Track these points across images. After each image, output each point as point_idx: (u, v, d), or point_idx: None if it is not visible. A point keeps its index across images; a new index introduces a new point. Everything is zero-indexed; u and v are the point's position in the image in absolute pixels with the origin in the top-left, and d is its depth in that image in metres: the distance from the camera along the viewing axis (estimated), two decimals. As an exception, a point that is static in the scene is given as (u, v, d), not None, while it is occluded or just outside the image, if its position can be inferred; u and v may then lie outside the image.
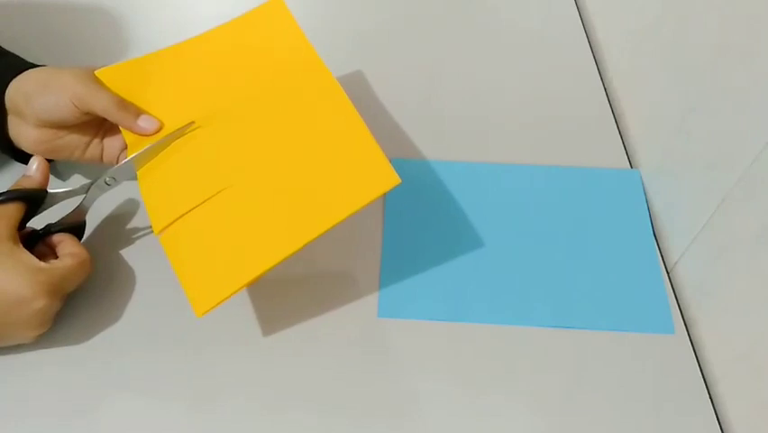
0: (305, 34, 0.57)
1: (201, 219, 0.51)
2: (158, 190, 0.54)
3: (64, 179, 0.64)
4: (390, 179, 0.49)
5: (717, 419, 0.52)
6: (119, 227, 0.61)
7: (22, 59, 0.60)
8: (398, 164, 0.66)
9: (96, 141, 0.59)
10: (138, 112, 0.56)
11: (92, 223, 0.59)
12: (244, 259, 0.49)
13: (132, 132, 0.56)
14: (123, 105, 0.55)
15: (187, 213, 0.51)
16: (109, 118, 0.55)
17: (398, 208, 0.63)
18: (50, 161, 0.57)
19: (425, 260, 0.59)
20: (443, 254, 0.60)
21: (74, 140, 0.58)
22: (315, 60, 0.56)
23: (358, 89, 0.72)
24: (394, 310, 0.57)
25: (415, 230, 0.61)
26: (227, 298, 0.48)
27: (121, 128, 0.57)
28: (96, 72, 0.57)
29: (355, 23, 0.80)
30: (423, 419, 0.52)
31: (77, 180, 0.63)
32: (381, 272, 0.59)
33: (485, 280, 0.58)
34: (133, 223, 0.61)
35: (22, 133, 0.56)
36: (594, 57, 0.77)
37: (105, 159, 0.59)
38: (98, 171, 0.56)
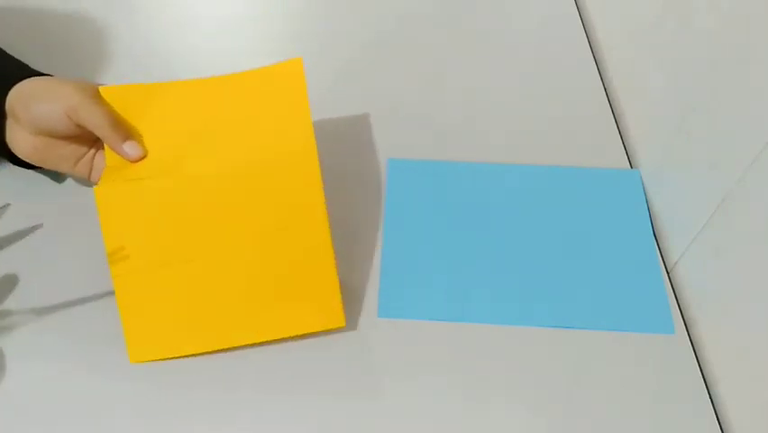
0: (309, 108, 0.53)
1: (159, 281, 0.53)
2: (123, 235, 0.53)
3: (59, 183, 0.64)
4: (337, 320, 0.53)
5: (717, 419, 0.52)
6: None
7: (29, 66, 0.60)
8: (398, 164, 0.66)
9: (88, 157, 0.59)
10: (127, 135, 0.55)
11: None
12: (189, 334, 0.53)
13: (115, 152, 0.55)
14: (115, 124, 0.55)
15: (145, 268, 0.53)
16: (98, 134, 0.55)
17: (398, 208, 0.63)
18: (38, 168, 0.58)
19: (425, 260, 0.59)
20: (442, 254, 0.60)
21: (67, 152, 0.58)
22: (310, 147, 0.52)
23: (359, 89, 0.72)
24: (394, 310, 0.57)
25: (415, 230, 0.61)
26: (162, 359, 0.53)
27: (105, 149, 0.55)
28: (100, 88, 0.56)
29: (356, 23, 0.80)
30: (423, 419, 0.52)
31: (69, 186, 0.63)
32: (381, 272, 0.59)
33: (485, 280, 0.58)
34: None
35: (17, 138, 0.57)
36: (594, 57, 0.77)
37: (92, 178, 0.59)
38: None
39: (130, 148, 0.54)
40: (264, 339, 0.53)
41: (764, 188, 0.48)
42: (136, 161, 0.55)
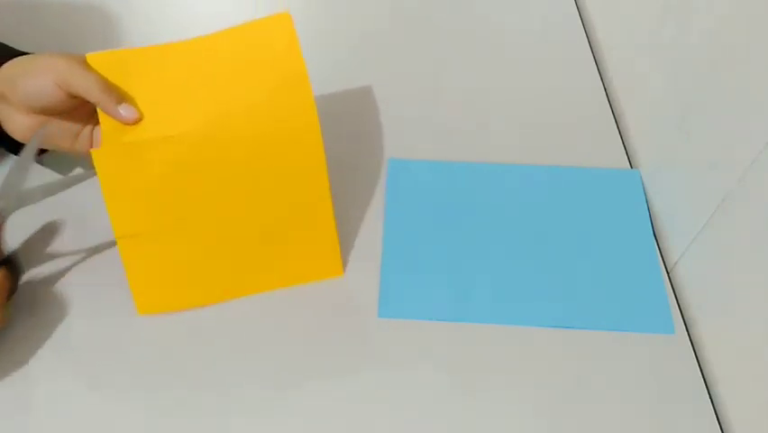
0: (304, 60, 0.53)
1: (163, 237, 0.54)
2: (125, 198, 0.53)
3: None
4: (336, 269, 0.56)
5: (717, 419, 0.52)
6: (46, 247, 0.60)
7: (10, 47, 0.59)
8: (399, 164, 0.66)
9: (87, 132, 0.58)
10: (121, 98, 0.53)
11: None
12: (194, 287, 0.55)
13: (111, 116, 0.53)
14: (107, 87, 0.53)
15: (149, 227, 0.53)
16: (90, 100, 0.53)
17: (398, 208, 0.63)
18: (42, 151, 0.57)
19: (425, 260, 0.59)
20: (442, 254, 0.60)
21: (64, 128, 0.56)
22: (308, 100, 0.52)
23: (360, 89, 0.72)
24: (394, 310, 0.57)
25: (415, 230, 0.61)
26: (169, 311, 0.54)
27: (99, 115, 0.53)
28: (86, 56, 0.55)
29: (358, 23, 0.80)
30: (423, 419, 0.52)
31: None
32: (381, 272, 0.59)
33: (485, 280, 0.58)
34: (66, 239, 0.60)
35: (11, 119, 0.55)
36: (594, 57, 0.77)
37: None
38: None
39: (125, 110, 0.53)
40: (267, 289, 0.55)
41: (764, 188, 0.48)
42: (132, 123, 0.53)
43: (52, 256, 0.59)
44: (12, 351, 0.53)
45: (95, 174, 0.52)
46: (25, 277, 0.57)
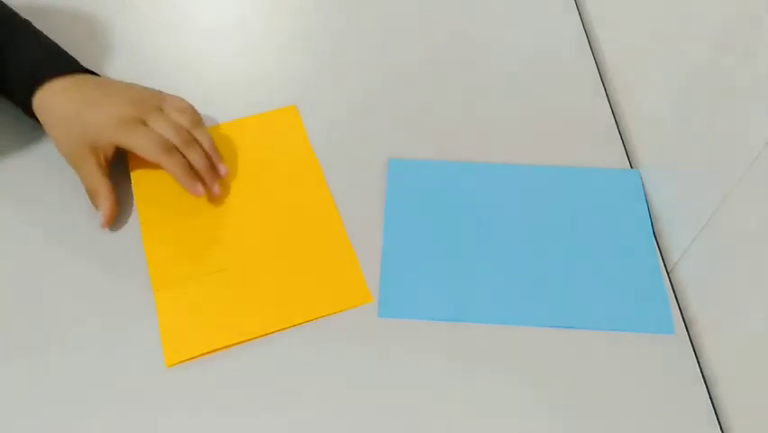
0: (309, 142, 0.67)
1: (197, 290, 0.57)
2: (164, 255, 0.59)
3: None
4: (365, 297, 0.57)
5: (717, 419, 0.52)
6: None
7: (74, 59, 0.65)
8: (399, 164, 0.66)
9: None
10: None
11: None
12: (221, 329, 0.55)
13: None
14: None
15: (186, 282, 0.58)
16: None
17: (398, 208, 0.63)
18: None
19: (425, 260, 0.59)
20: (443, 254, 0.60)
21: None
22: (314, 167, 0.65)
23: (359, 89, 0.72)
24: (394, 310, 0.57)
25: (415, 230, 0.61)
26: (196, 356, 0.54)
27: (136, 198, 0.62)
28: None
29: (357, 24, 0.80)
30: (423, 419, 0.52)
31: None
32: (381, 272, 0.59)
33: (485, 280, 0.58)
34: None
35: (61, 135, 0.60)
36: (594, 57, 0.77)
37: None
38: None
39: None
40: (302, 321, 0.56)
41: (764, 188, 0.48)
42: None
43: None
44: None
45: None
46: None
